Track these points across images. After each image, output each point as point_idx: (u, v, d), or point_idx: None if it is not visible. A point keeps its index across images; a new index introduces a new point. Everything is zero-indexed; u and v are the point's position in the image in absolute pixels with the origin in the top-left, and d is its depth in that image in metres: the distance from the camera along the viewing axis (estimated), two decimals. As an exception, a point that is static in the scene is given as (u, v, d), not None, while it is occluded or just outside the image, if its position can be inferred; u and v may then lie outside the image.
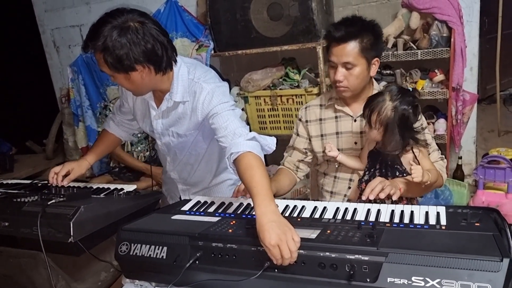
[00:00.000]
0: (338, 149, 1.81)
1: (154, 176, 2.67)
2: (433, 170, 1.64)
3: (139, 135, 3.04)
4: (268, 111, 3.24)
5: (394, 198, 1.48)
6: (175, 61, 1.56)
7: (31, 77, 4.85)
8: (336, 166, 1.86)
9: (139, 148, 3.05)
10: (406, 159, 1.64)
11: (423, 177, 1.51)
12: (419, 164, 1.59)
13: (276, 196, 1.74)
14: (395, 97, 1.54)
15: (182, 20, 3.49)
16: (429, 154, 1.74)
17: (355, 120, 1.81)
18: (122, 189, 1.80)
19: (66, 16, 4.26)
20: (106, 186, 1.90)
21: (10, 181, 2.07)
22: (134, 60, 1.41)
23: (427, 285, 0.98)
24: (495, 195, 2.73)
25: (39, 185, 1.96)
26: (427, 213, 1.30)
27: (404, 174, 1.64)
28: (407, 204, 1.64)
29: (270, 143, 1.52)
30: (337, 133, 1.85)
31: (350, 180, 1.85)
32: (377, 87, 1.84)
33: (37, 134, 4.90)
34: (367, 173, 1.70)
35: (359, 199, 1.74)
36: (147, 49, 1.42)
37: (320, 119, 1.87)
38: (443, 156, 1.82)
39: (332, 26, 1.71)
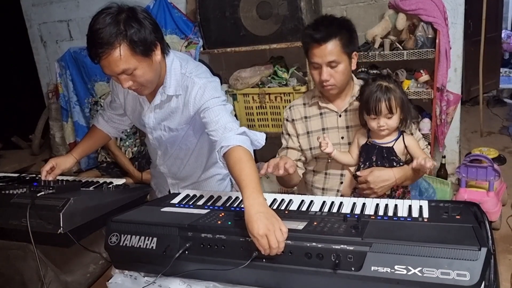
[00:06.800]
0: None
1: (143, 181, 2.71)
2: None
3: (128, 130, 3.04)
4: (256, 108, 3.27)
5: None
6: (168, 46, 1.59)
7: (17, 72, 4.80)
8: (329, 161, 1.87)
9: (127, 143, 3.05)
10: (399, 149, 1.71)
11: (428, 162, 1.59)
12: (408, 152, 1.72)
13: (291, 184, 1.85)
14: (389, 80, 1.66)
15: (171, 17, 3.50)
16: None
17: (340, 116, 1.86)
18: (111, 182, 1.81)
19: (54, 10, 4.22)
20: (95, 179, 1.91)
21: (-2, 174, 2.07)
22: (154, 36, 1.45)
23: (409, 273, 1.02)
24: (477, 193, 2.80)
25: (27, 178, 1.96)
26: (410, 206, 1.34)
27: (401, 164, 1.71)
28: (403, 192, 1.76)
29: (260, 138, 1.55)
30: (323, 129, 1.88)
31: (341, 175, 1.88)
32: (357, 81, 1.89)
33: (23, 130, 4.85)
34: (362, 166, 1.74)
35: (353, 193, 1.81)
36: (153, 25, 1.46)
37: (305, 117, 1.91)
38: (427, 143, 1.91)
39: (310, 28, 1.74)
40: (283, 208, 1.45)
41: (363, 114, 1.71)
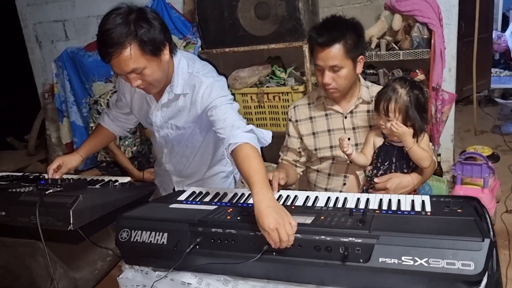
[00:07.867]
0: (331, 146, 1.86)
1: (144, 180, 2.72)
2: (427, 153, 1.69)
3: (128, 130, 3.04)
4: (254, 108, 3.30)
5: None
6: (176, 46, 1.61)
7: (12, 73, 4.78)
8: (347, 161, 1.85)
9: (127, 142, 3.06)
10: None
11: (407, 140, 1.62)
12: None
13: (288, 184, 1.81)
14: (405, 85, 1.65)
15: (169, 17, 3.52)
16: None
17: (345, 117, 1.86)
18: (116, 180, 1.83)
19: (49, 10, 4.22)
20: (100, 178, 1.93)
21: (0, 174, 2.07)
22: (163, 36, 1.48)
23: (416, 264, 1.06)
24: (472, 190, 2.85)
25: (31, 177, 1.96)
26: (412, 201, 1.38)
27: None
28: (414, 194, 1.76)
29: (267, 136, 1.58)
30: (328, 130, 1.89)
31: (345, 176, 1.90)
32: (364, 83, 1.89)
33: (18, 130, 4.84)
34: (381, 167, 1.74)
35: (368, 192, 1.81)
36: (162, 26, 1.48)
37: (311, 117, 1.91)
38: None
39: (315, 31, 1.72)
40: (289, 203, 1.48)
41: None
